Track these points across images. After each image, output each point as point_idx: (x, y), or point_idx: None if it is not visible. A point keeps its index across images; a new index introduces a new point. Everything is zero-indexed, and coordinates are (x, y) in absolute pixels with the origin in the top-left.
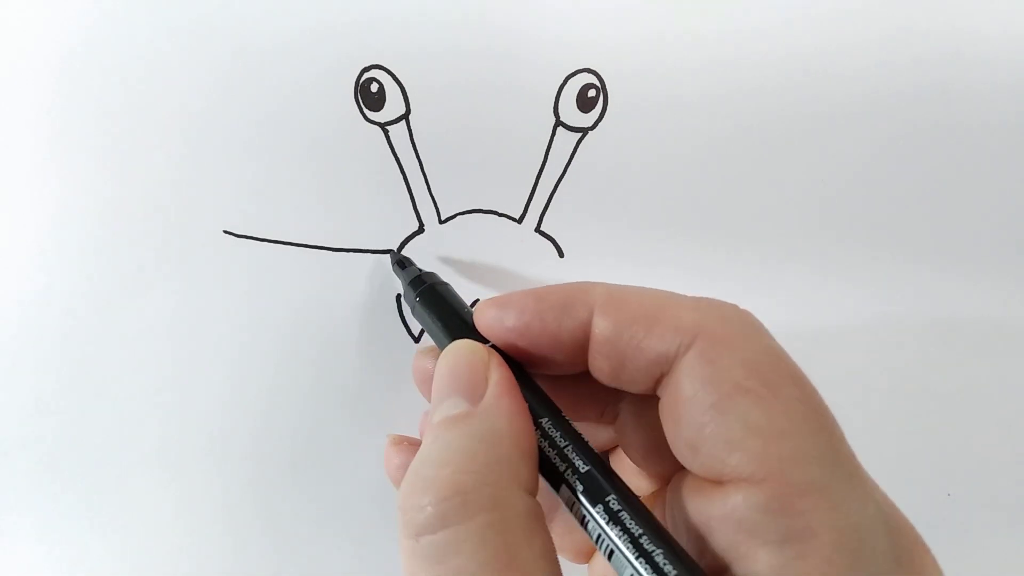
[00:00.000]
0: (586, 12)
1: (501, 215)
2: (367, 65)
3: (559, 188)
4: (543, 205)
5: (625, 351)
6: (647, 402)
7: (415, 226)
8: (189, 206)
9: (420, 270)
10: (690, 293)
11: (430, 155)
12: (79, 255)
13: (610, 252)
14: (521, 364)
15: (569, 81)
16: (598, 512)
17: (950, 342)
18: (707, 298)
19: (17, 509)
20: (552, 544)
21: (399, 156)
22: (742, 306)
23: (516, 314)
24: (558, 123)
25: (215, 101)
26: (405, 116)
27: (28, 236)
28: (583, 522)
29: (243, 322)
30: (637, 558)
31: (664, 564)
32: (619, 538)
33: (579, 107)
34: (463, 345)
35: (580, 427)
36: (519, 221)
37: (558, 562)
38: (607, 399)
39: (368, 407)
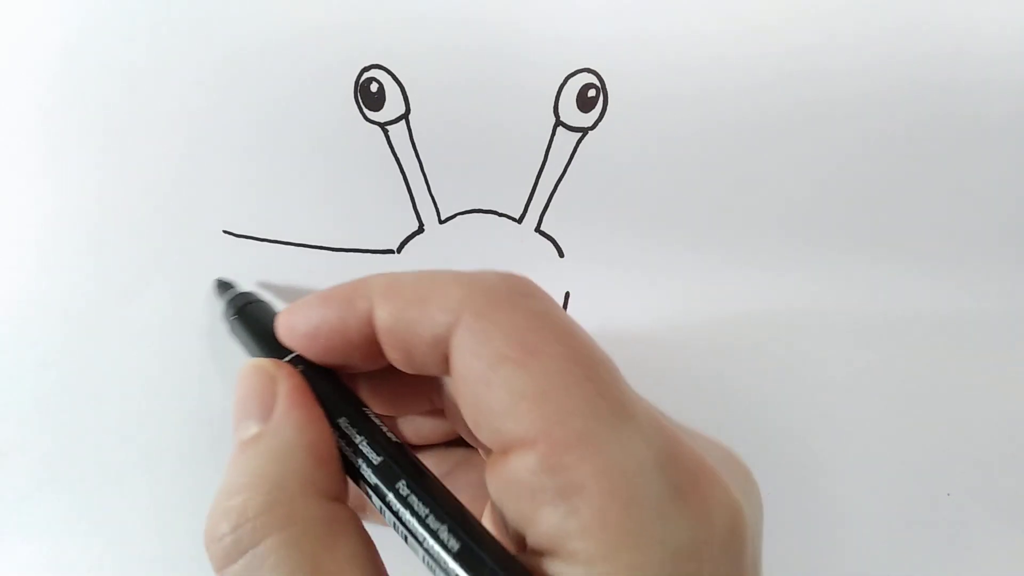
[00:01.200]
0: (586, 12)
1: (501, 215)
2: (367, 65)
3: (559, 188)
4: (543, 205)
5: (405, 338)
6: None
7: (415, 226)
8: (189, 206)
9: (237, 292)
10: (691, 293)
11: (430, 155)
12: (79, 255)
13: (610, 252)
14: (330, 368)
15: (569, 81)
16: (390, 500)
17: (950, 342)
18: (480, 271)
19: (17, 509)
20: (363, 544)
21: (399, 156)
22: (740, 307)
23: (304, 319)
24: (558, 123)
25: (215, 100)
26: (405, 116)
27: (28, 236)
28: (383, 512)
29: None
30: (423, 540)
31: (448, 539)
32: (408, 523)
33: (579, 107)
34: (249, 365)
35: (419, 422)
36: (519, 221)
37: (375, 560)
38: (430, 388)
39: None
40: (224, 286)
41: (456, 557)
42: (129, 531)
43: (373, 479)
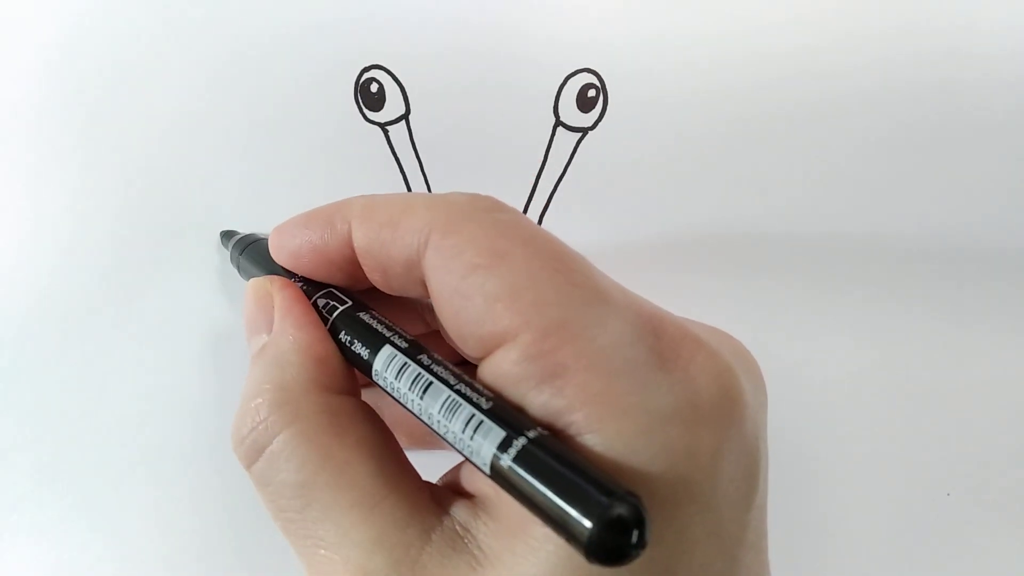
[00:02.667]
0: (586, 12)
1: None
2: (367, 65)
3: (559, 188)
4: (543, 205)
5: (381, 260)
6: None
7: None
8: (188, 206)
9: (241, 235)
10: (692, 293)
11: (430, 155)
12: (78, 255)
13: (610, 251)
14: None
15: (569, 81)
16: (419, 361)
17: (950, 342)
18: (446, 193)
19: (17, 509)
20: (375, 430)
21: (399, 156)
22: (739, 306)
23: (289, 238)
24: (558, 123)
25: (216, 100)
26: (405, 116)
27: (27, 236)
28: (399, 374)
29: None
30: (456, 384)
31: (481, 388)
32: (439, 373)
33: (579, 107)
34: (249, 284)
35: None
36: None
37: (388, 444)
38: (424, 309)
39: None
40: (228, 234)
41: (490, 398)
42: (129, 531)
43: (404, 344)
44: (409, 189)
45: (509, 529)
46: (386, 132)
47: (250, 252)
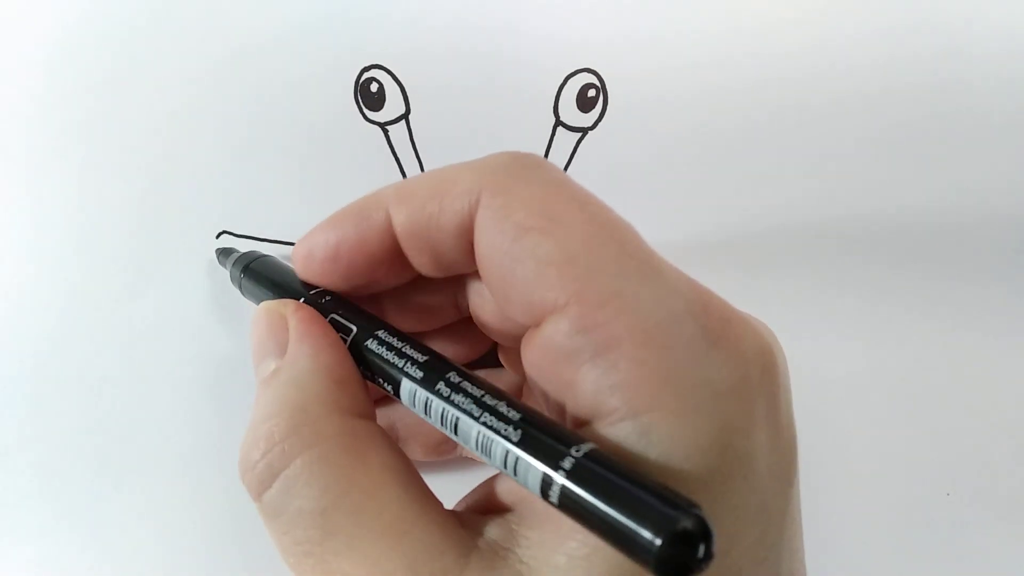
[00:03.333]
0: (586, 12)
1: None
2: (367, 65)
3: None
4: None
5: (428, 235)
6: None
7: None
8: (188, 206)
9: (240, 253)
10: None
11: (430, 155)
12: (78, 255)
13: None
14: (345, 297)
15: (569, 81)
16: (440, 388)
17: (950, 342)
18: (490, 155)
19: (17, 510)
20: (397, 455)
21: (399, 156)
22: (739, 306)
23: (322, 242)
24: (558, 123)
25: (215, 100)
26: (405, 116)
27: (27, 236)
28: (427, 410)
29: (243, 322)
30: (480, 416)
31: (508, 411)
32: (462, 404)
33: (579, 107)
34: (260, 308)
35: (440, 345)
36: None
37: (409, 469)
38: (456, 292)
39: None
40: (226, 252)
41: (519, 424)
42: (128, 531)
43: (419, 374)
44: None
45: (552, 539)
46: (386, 132)
47: (254, 270)
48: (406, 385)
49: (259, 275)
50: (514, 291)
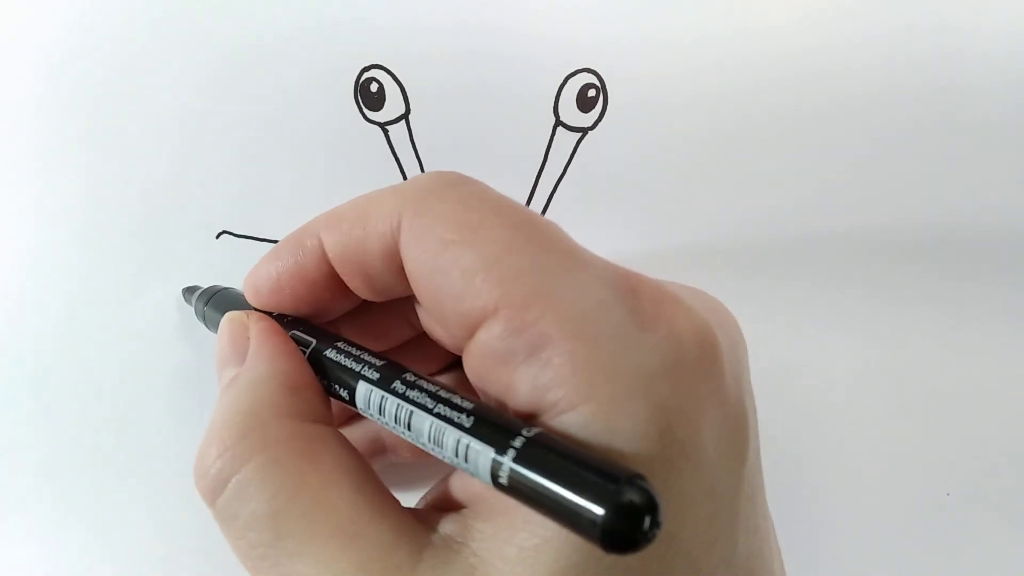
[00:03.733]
0: (586, 12)
1: None
2: (367, 65)
3: (559, 188)
4: (543, 205)
5: (359, 260)
6: None
7: None
8: (188, 206)
9: (202, 288)
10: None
11: (430, 155)
12: (79, 255)
13: (609, 252)
14: (305, 319)
15: (569, 81)
16: (396, 387)
17: (950, 342)
18: (414, 177)
19: (17, 509)
20: (351, 457)
21: (399, 156)
22: (739, 306)
23: (264, 275)
24: (558, 123)
25: (215, 100)
26: (405, 116)
27: (27, 236)
28: (381, 410)
29: None
30: (434, 407)
31: (461, 402)
32: (417, 399)
33: (579, 107)
34: (224, 318)
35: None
36: None
37: (363, 469)
38: (407, 311)
39: None
40: (190, 290)
41: (471, 412)
42: (129, 531)
43: (375, 376)
44: None
45: (504, 531)
46: (386, 132)
47: (216, 302)
48: (361, 388)
49: (220, 307)
50: (445, 305)
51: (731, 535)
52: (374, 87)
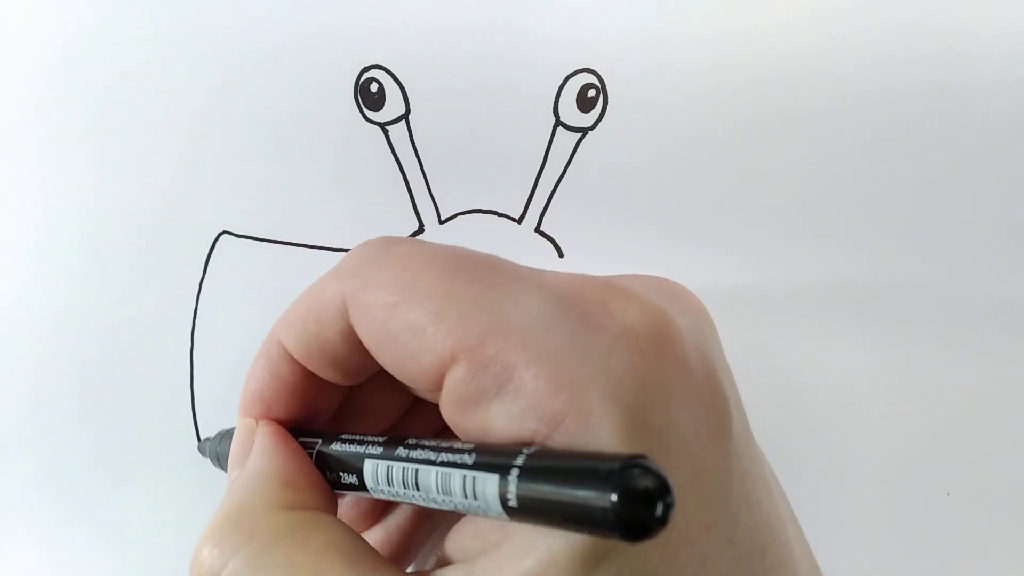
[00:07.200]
0: (586, 12)
1: (501, 215)
2: (367, 65)
3: (559, 188)
4: (543, 205)
5: (323, 352)
6: None
7: (415, 226)
8: (189, 206)
9: (210, 437)
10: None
11: (430, 155)
12: (79, 255)
13: (610, 252)
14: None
15: (569, 81)
16: (400, 452)
17: (950, 341)
18: (349, 252)
19: (17, 509)
20: (344, 534)
21: (399, 156)
22: (740, 306)
23: (249, 399)
24: (558, 123)
25: (215, 101)
26: (405, 116)
27: (28, 235)
28: (389, 480)
29: (243, 322)
30: (438, 457)
31: (462, 446)
32: (421, 457)
33: (579, 107)
34: (237, 424)
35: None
36: (519, 221)
37: (357, 544)
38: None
39: None
40: (204, 442)
41: (472, 451)
42: (129, 531)
43: (378, 450)
44: (409, 189)
45: (508, 559)
46: (386, 132)
47: (227, 440)
48: (368, 466)
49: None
50: (407, 366)
51: (731, 516)
52: (374, 87)
